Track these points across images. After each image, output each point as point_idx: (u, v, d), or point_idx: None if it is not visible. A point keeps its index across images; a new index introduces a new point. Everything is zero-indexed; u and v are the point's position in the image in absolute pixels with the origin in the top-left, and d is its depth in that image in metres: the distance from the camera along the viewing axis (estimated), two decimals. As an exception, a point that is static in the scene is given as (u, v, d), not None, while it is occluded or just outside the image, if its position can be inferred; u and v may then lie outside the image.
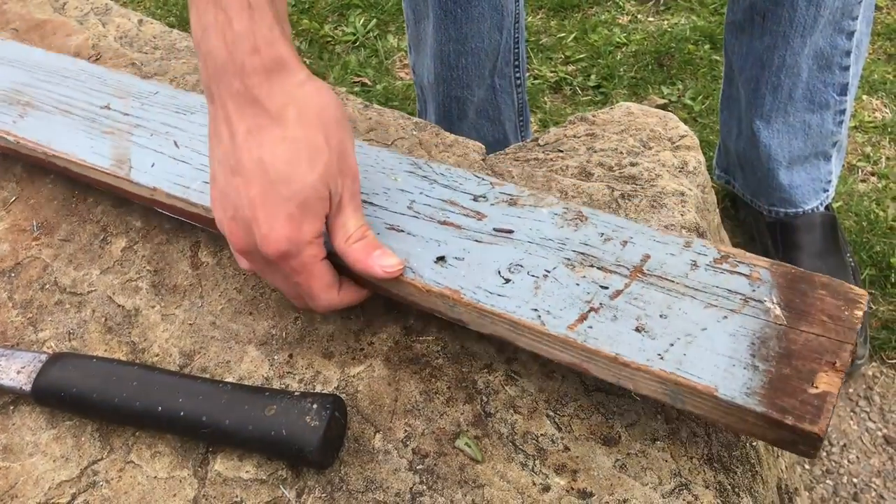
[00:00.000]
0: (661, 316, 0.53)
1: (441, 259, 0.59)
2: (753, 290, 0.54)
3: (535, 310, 0.55)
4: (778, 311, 0.53)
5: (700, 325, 0.53)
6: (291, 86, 0.54)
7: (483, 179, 0.66)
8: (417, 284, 0.57)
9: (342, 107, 0.57)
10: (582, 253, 0.58)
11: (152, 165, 0.70)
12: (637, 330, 0.53)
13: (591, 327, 0.53)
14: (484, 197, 0.64)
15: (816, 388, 0.48)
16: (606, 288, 0.56)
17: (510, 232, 0.60)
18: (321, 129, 0.55)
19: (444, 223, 0.62)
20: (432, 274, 0.58)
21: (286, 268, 0.56)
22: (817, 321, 0.52)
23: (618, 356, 0.51)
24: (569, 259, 0.58)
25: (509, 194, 0.64)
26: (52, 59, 0.85)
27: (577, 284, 0.56)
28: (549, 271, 0.57)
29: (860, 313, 0.52)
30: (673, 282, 0.56)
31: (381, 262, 0.57)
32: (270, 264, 0.56)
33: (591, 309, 0.54)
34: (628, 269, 0.57)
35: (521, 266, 0.58)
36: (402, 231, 0.61)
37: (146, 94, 0.78)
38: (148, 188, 0.68)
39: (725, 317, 0.53)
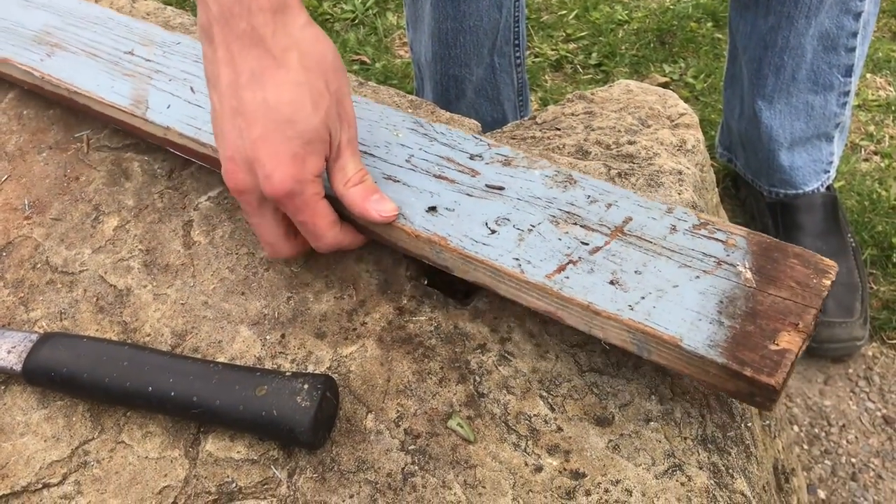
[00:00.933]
0: (635, 272, 0.56)
1: (432, 209, 0.61)
2: (728, 255, 0.56)
3: (517, 259, 0.57)
4: (749, 274, 0.55)
5: (672, 283, 0.55)
6: (295, 27, 0.55)
7: (481, 140, 0.68)
8: (407, 230, 0.60)
9: (339, 54, 0.58)
10: (567, 212, 0.60)
11: (168, 107, 0.72)
12: (611, 283, 0.55)
13: (567, 277, 0.55)
14: (480, 156, 0.66)
15: (777, 345, 0.50)
16: (587, 244, 0.58)
17: (501, 189, 0.63)
18: (322, 75, 0.56)
19: (439, 177, 0.64)
20: (423, 221, 0.60)
21: (290, 207, 0.57)
22: (786, 286, 0.54)
23: (590, 304, 0.54)
24: (554, 216, 0.60)
25: (504, 155, 0.66)
26: (83, 6, 0.88)
27: (560, 239, 0.58)
28: (534, 226, 0.59)
29: (828, 282, 0.54)
30: (651, 242, 0.58)
31: (377, 207, 0.59)
32: (263, 205, 0.58)
33: (570, 261, 0.57)
34: (610, 228, 0.59)
35: (508, 220, 0.60)
36: (399, 182, 0.64)
37: (169, 43, 0.81)
38: (161, 127, 0.71)
39: (698, 276, 0.55)
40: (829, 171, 1.34)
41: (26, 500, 0.54)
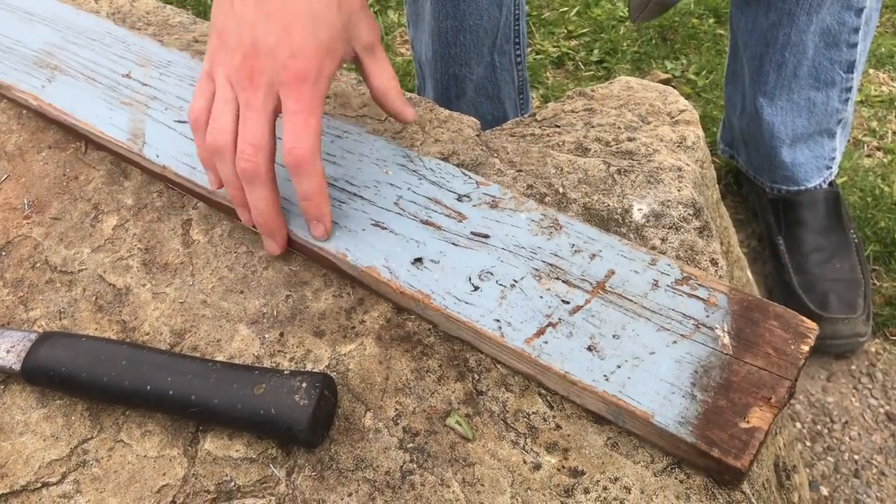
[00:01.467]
0: (613, 336, 0.55)
1: (418, 261, 0.61)
2: (707, 316, 0.56)
3: (498, 321, 0.57)
4: (727, 339, 0.54)
5: (649, 349, 0.54)
6: None
7: (469, 178, 0.68)
8: (393, 286, 0.60)
9: None
10: (551, 264, 0.60)
11: (164, 142, 0.73)
12: (589, 349, 0.55)
13: (546, 342, 0.55)
14: (468, 197, 0.66)
15: (748, 422, 0.50)
16: (568, 303, 0.58)
17: (486, 237, 0.63)
18: None
19: (426, 223, 0.64)
20: (408, 276, 0.60)
21: (294, 99, 0.57)
22: (762, 353, 0.53)
23: (567, 374, 0.54)
24: (537, 269, 0.60)
25: (492, 196, 0.66)
26: (82, 18, 0.89)
27: (541, 297, 0.58)
28: (516, 281, 0.59)
29: (806, 348, 0.53)
30: (632, 301, 0.57)
31: (409, 107, 0.66)
32: (267, 101, 0.58)
33: (550, 324, 0.57)
34: (592, 284, 0.59)
35: (492, 274, 0.60)
36: (386, 229, 0.64)
37: (165, 62, 0.82)
38: (158, 165, 0.71)
39: (675, 342, 0.55)
40: (831, 167, 1.33)
41: (25, 499, 0.54)
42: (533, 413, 0.55)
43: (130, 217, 0.71)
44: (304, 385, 0.53)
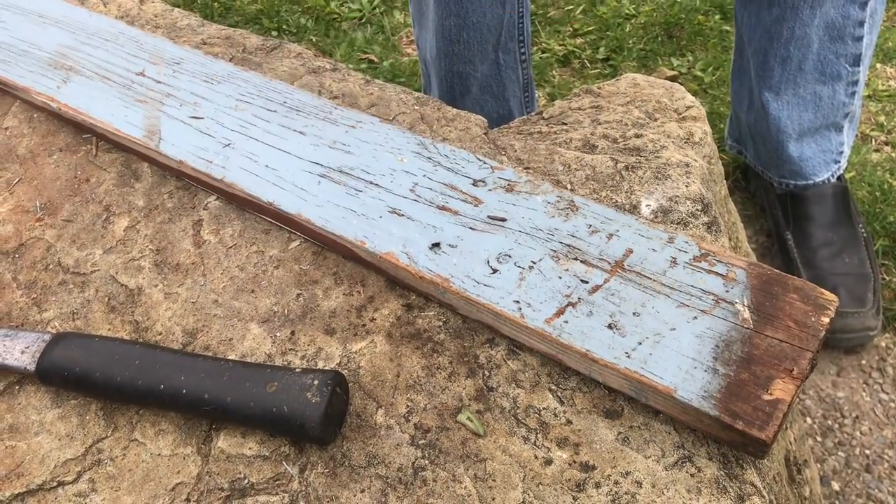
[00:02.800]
0: (634, 314, 0.56)
1: (436, 245, 0.62)
2: (727, 291, 0.56)
3: (517, 301, 0.57)
4: (747, 314, 0.55)
5: (669, 325, 0.55)
6: None
7: (484, 163, 0.68)
8: (412, 271, 0.60)
9: None
10: (568, 245, 0.61)
11: (179, 137, 0.74)
12: (609, 327, 0.55)
13: (566, 322, 0.56)
14: (483, 182, 0.66)
15: (771, 394, 0.50)
16: (587, 282, 0.58)
17: (503, 220, 0.63)
18: None
19: (442, 208, 0.64)
20: (426, 261, 0.61)
21: None
22: (783, 326, 0.54)
23: (588, 352, 0.54)
24: (555, 251, 0.60)
25: (507, 180, 0.66)
26: (94, 20, 0.90)
27: (560, 277, 0.58)
28: (534, 262, 0.60)
29: (826, 320, 0.54)
30: (650, 279, 0.58)
31: None
32: None
33: (570, 304, 0.57)
34: (610, 263, 0.59)
35: (510, 256, 0.60)
36: (403, 215, 0.64)
37: (178, 59, 0.83)
38: (175, 160, 0.72)
39: (696, 317, 0.55)
40: (839, 161, 1.33)
41: (41, 498, 0.55)
42: (544, 408, 0.56)
43: (142, 218, 0.72)
44: (316, 382, 0.53)
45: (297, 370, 0.55)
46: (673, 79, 1.75)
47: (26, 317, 0.65)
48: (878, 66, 1.73)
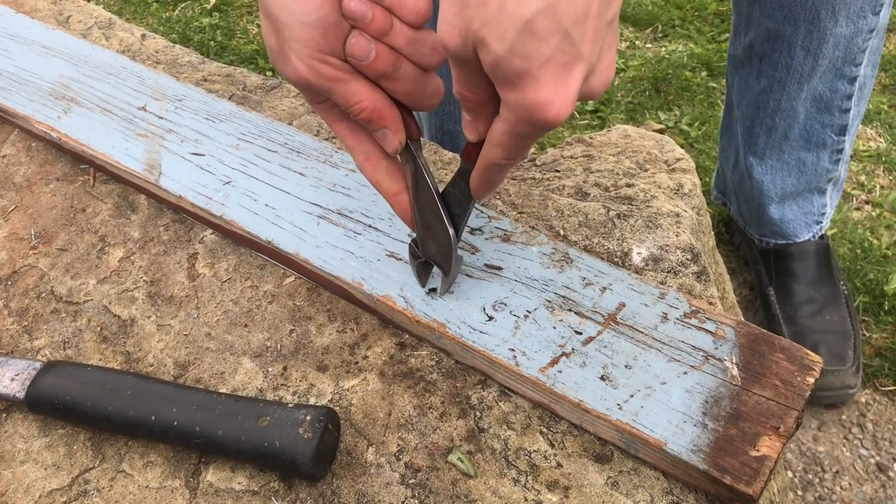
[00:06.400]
0: (626, 366, 0.57)
1: (433, 290, 0.62)
2: (716, 348, 0.58)
3: (512, 349, 0.58)
4: (735, 371, 0.56)
5: (660, 379, 0.56)
6: None
7: (482, 212, 0.69)
8: (409, 314, 0.61)
9: None
10: (563, 296, 0.62)
11: (179, 172, 0.75)
12: (602, 378, 0.56)
13: (560, 371, 0.57)
14: (480, 230, 0.68)
15: (758, 450, 0.51)
16: (580, 333, 0.59)
17: (499, 269, 0.64)
18: None
19: None
20: (423, 305, 0.62)
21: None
22: (770, 385, 0.55)
23: (581, 403, 0.55)
24: (550, 301, 0.61)
25: (504, 230, 0.68)
26: (98, 53, 0.91)
27: (554, 328, 0.60)
28: (529, 312, 0.61)
29: (812, 380, 0.55)
30: (642, 332, 0.59)
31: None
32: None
33: (564, 354, 0.58)
34: (603, 315, 0.60)
35: (505, 304, 0.61)
36: (401, 259, 0.65)
37: (180, 96, 0.84)
38: (174, 195, 0.73)
39: (685, 372, 0.56)
40: (821, 222, 1.34)
41: (25, 528, 0.54)
42: (534, 451, 0.56)
43: (137, 250, 0.72)
44: (308, 418, 0.54)
45: (290, 405, 0.55)
46: (660, 132, 1.78)
47: (17, 344, 0.65)
48: (860, 126, 1.78)
